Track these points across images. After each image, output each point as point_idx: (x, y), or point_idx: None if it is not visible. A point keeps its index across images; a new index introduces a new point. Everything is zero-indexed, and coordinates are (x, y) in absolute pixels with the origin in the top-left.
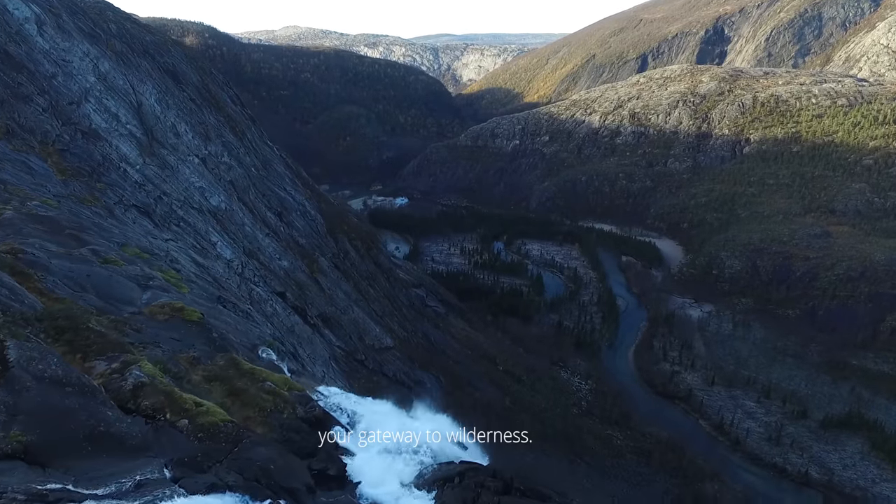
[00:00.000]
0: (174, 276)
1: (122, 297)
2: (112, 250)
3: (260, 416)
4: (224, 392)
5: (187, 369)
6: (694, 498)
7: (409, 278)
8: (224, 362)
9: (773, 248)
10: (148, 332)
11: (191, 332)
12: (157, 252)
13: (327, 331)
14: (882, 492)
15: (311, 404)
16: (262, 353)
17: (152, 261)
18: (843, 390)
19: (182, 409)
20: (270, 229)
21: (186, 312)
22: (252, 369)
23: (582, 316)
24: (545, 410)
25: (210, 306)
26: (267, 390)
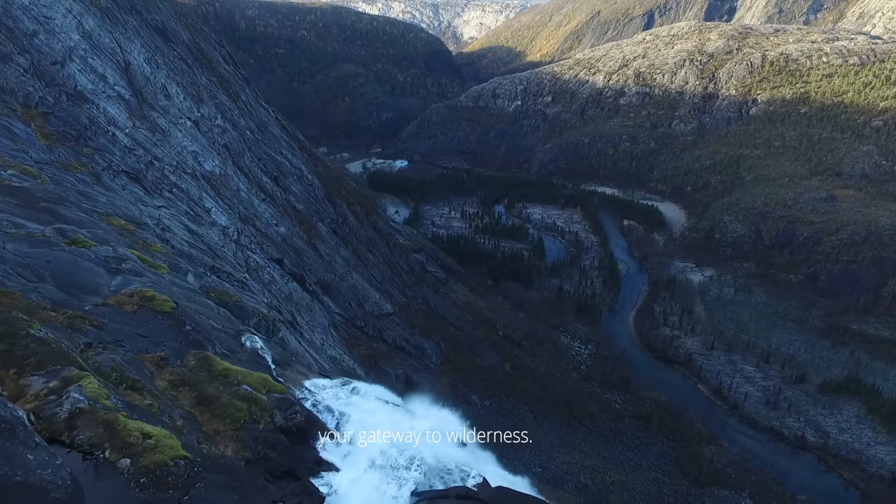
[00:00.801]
0: (160, 250)
1: (86, 286)
2: (89, 225)
3: (231, 429)
4: (192, 400)
5: (152, 373)
6: (691, 461)
7: (408, 243)
8: (195, 362)
9: (778, 212)
10: (110, 328)
11: (161, 326)
12: (145, 221)
13: (326, 298)
14: (876, 455)
15: (291, 409)
16: (246, 340)
17: (137, 233)
18: (842, 355)
19: (125, 445)
20: (267, 194)
21: (158, 302)
22: (226, 370)
23: (583, 280)
24: (545, 375)
25: (187, 292)
26: (242, 396)
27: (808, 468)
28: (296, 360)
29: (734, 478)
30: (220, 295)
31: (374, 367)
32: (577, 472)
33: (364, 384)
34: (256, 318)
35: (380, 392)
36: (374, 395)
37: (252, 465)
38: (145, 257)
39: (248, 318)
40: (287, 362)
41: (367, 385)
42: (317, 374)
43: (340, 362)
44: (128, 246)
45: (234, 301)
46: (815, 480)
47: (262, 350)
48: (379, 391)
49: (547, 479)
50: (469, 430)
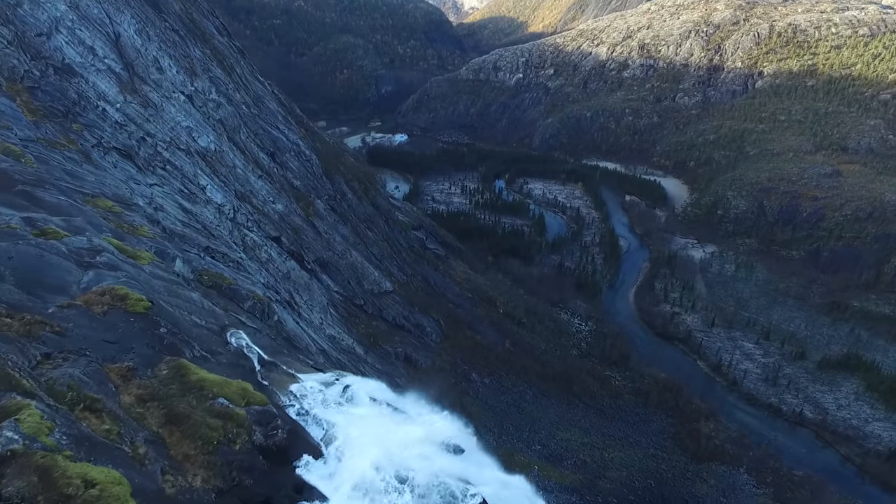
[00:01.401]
0: (146, 234)
1: (52, 284)
2: (67, 211)
3: (202, 452)
4: (161, 418)
5: (117, 387)
6: (690, 437)
7: (408, 220)
8: (168, 371)
9: (781, 188)
10: (74, 334)
11: (132, 330)
12: (136, 201)
13: (325, 276)
14: (874, 431)
15: (272, 424)
16: (231, 337)
17: (124, 215)
18: (842, 332)
19: (61, 498)
20: (263, 171)
21: (131, 301)
22: (201, 381)
23: (583, 257)
24: (545, 352)
25: (169, 284)
26: (217, 412)
27: (805, 444)
28: (288, 351)
29: (732, 453)
30: (214, 278)
31: (373, 345)
32: (576, 449)
33: (358, 378)
34: (251, 301)
35: (374, 389)
36: (367, 393)
37: (224, 495)
38: (125, 247)
39: (243, 302)
40: (276, 357)
41: (360, 380)
42: (308, 368)
43: (339, 341)
44: (111, 232)
45: (229, 284)
46: (812, 456)
47: (248, 348)
48: (373, 387)
49: (546, 457)
50: (467, 431)
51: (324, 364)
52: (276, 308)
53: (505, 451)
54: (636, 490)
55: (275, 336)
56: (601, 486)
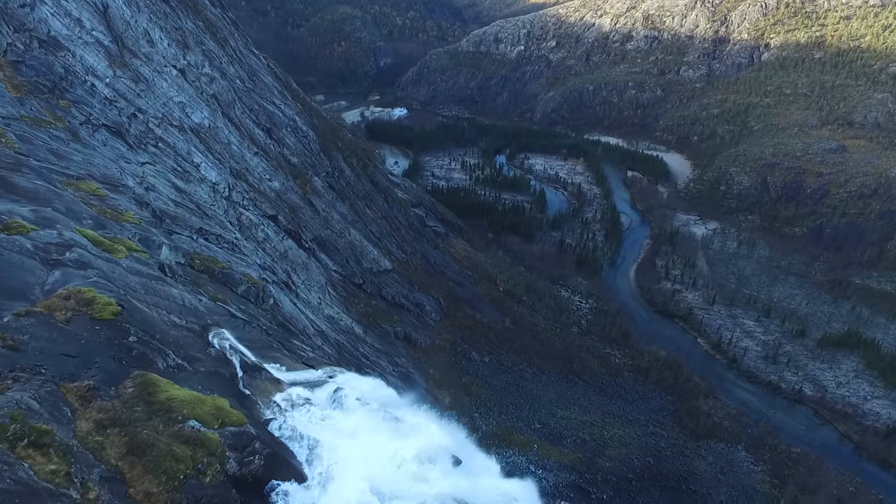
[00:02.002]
0: (131, 220)
1: (10, 287)
2: (44, 198)
3: (167, 489)
4: (122, 448)
5: (74, 412)
6: (689, 414)
7: (407, 197)
8: (134, 389)
9: (786, 164)
10: (31, 347)
11: (97, 340)
12: (125, 182)
13: (323, 255)
14: (873, 408)
15: (249, 448)
16: (214, 337)
17: (109, 199)
18: (843, 309)
19: None
20: (259, 148)
21: (98, 306)
22: (170, 400)
23: (584, 233)
24: (545, 330)
25: (148, 280)
26: (186, 437)
27: (803, 421)
28: (281, 341)
29: (730, 431)
30: (206, 262)
31: (372, 325)
32: (576, 428)
33: (351, 376)
34: (245, 285)
35: (368, 389)
36: (361, 394)
37: None
38: (102, 238)
39: (236, 286)
40: (265, 353)
41: (354, 378)
42: (299, 364)
43: (338, 322)
44: (91, 219)
45: (221, 268)
46: (811, 433)
47: (231, 350)
48: (367, 387)
49: (546, 436)
50: (468, 438)
51: (318, 355)
52: (271, 290)
53: (504, 430)
54: (635, 468)
55: (269, 321)
56: (600, 465)
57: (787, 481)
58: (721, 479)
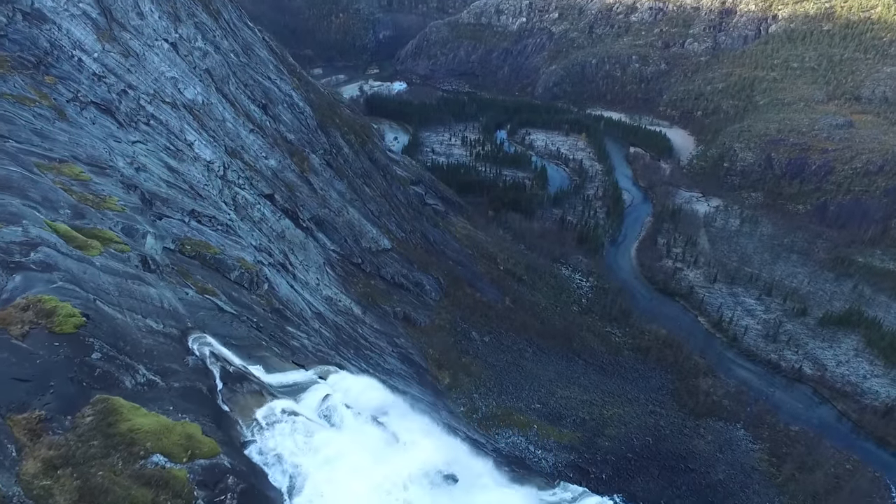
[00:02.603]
0: (114, 207)
1: None
2: (17, 188)
3: None
4: (73, 494)
5: (21, 449)
6: (688, 393)
7: (406, 175)
8: (93, 417)
9: (791, 140)
10: None
11: (55, 358)
12: (114, 163)
13: (321, 234)
14: (872, 387)
15: (221, 485)
16: (194, 343)
17: (93, 183)
18: (845, 287)
19: None
20: (255, 124)
21: (59, 318)
22: (133, 430)
23: (586, 211)
24: (545, 309)
25: (123, 280)
26: (148, 477)
27: (803, 400)
28: (273, 334)
29: (730, 409)
30: (198, 247)
31: (371, 305)
32: (575, 407)
33: (343, 376)
34: (238, 270)
35: (361, 391)
36: (353, 399)
37: None
38: (75, 233)
39: (229, 272)
40: (253, 353)
41: (346, 378)
42: (288, 364)
43: (336, 302)
44: (69, 208)
45: (214, 253)
46: (809, 411)
47: (212, 358)
48: (360, 389)
49: (546, 416)
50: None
51: (314, 342)
52: (267, 273)
53: (504, 410)
54: (634, 447)
55: (263, 309)
56: (600, 444)
57: (786, 459)
58: (719, 458)
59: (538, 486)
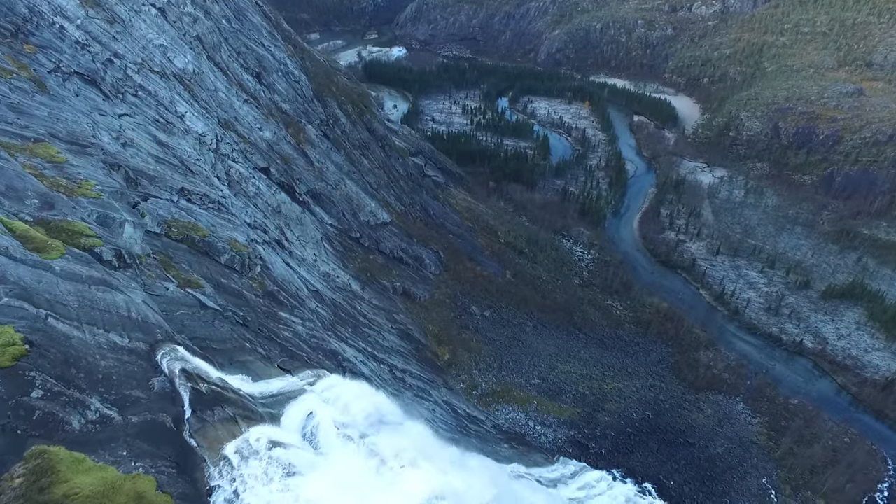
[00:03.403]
0: (89, 194)
1: None
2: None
3: None
4: None
5: None
6: (688, 366)
7: (405, 145)
8: (23, 480)
9: (799, 108)
10: None
11: None
12: (96, 140)
13: (318, 208)
14: (872, 360)
15: None
16: (164, 359)
17: (68, 166)
18: (849, 260)
19: None
20: (249, 94)
21: None
22: (67, 497)
23: (588, 181)
24: (546, 282)
25: (85, 287)
26: None
27: (803, 373)
28: (260, 330)
29: (730, 383)
30: (186, 230)
31: (370, 280)
32: (575, 382)
33: (334, 381)
34: (229, 253)
35: (353, 397)
36: (341, 408)
37: None
38: (34, 233)
39: (219, 255)
40: (236, 358)
41: (337, 385)
42: (273, 369)
43: (334, 279)
44: (37, 197)
45: (203, 236)
46: (809, 385)
47: (182, 379)
48: (352, 395)
49: (546, 391)
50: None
51: (309, 329)
52: (261, 252)
53: (504, 386)
54: (633, 422)
55: (254, 294)
56: (599, 419)
57: (784, 433)
58: (718, 432)
59: (537, 462)
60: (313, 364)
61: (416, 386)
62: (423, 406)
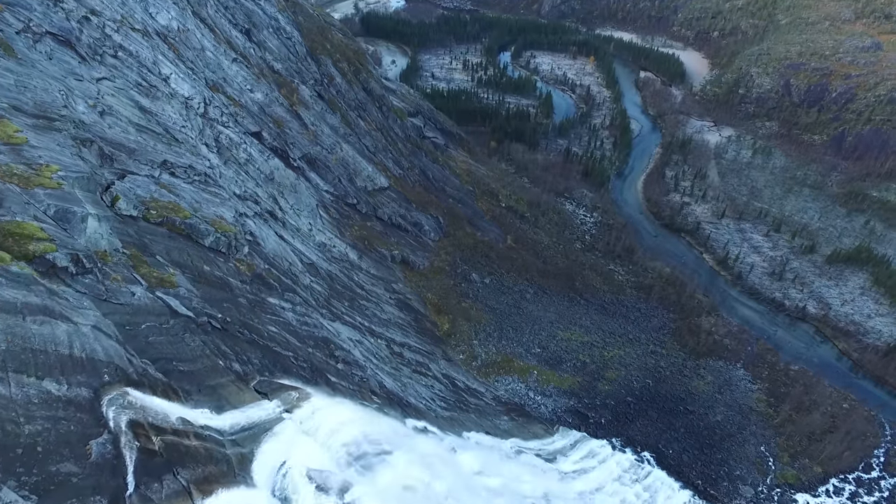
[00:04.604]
0: (48, 183)
1: None
2: None
3: None
4: None
5: None
6: (689, 332)
7: (404, 105)
8: None
9: (812, 64)
10: None
11: None
12: (67, 112)
13: (313, 174)
14: (875, 326)
15: None
16: (110, 407)
17: (27, 148)
18: (856, 224)
19: None
20: (238, 53)
21: None
22: None
23: (592, 142)
24: (547, 247)
25: (13, 322)
26: None
27: (804, 339)
28: (242, 332)
29: (731, 349)
30: (166, 211)
31: (368, 249)
32: (576, 350)
33: (319, 403)
34: (213, 236)
35: (339, 424)
36: (326, 435)
37: None
38: None
39: (203, 238)
40: (199, 389)
41: (323, 408)
42: (246, 394)
43: (330, 249)
44: None
45: (185, 217)
46: (810, 350)
47: (129, 436)
48: (338, 421)
49: (546, 360)
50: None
51: (301, 313)
52: (251, 227)
53: (504, 356)
54: (634, 391)
55: (241, 280)
56: (599, 388)
57: (784, 399)
58: (718, 399)
59: (537, 434)
60: (297, 371)
61: (414, 360)
62: (420, 383)
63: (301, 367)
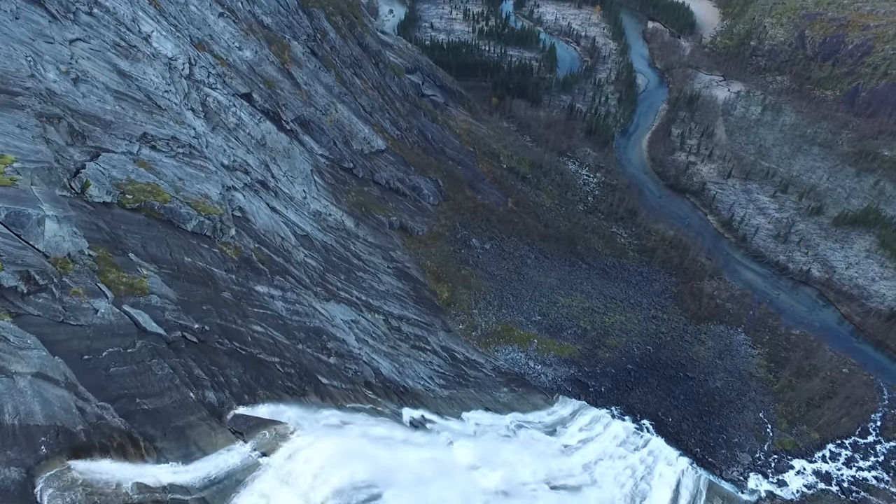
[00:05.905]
0: (3, 178)
1: None
2: None
3: None
4: None
5: None
6: (691, 296)
7: (401, 61)
8: None
9: (829, 14)
10: None
11: None
12: (34, 82)
13: (307, 137)
14: (879, 290)
15: None
16: (47, 489)
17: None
18: (866, 184)
19: None
20: (224, 7)
21: None
22: None
23: (596, 97)
24: (549, 210)
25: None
26: None
27: (807, 303)
28: (220, 343)
29: (732, 313)
30: (143, 195)
31: (365, 215)
32: (577, 316)
33: (299, 446)
34: (196, 220)
35: (328, 463)
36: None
37: None
38: None
39: (185, 223)
40: (165, 435)
41: (304, 451)
42: (218, 437)
43: (326, 217)
44: None
45: (164, 201)
46: (812, 315)
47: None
48: (325, 456)
49: (547, 328)
50: None
51: (296, 297)
52: (240, 201)
53: (504, 325)
54: (634, 358)
55: (226, 269)
56: (600, 356)
57: (784, 365)
58: (718, 365)
59: (536, 405)
60: (283, 383)
61: (412, 335)
62: (419, 360)
63: (288, 374)
